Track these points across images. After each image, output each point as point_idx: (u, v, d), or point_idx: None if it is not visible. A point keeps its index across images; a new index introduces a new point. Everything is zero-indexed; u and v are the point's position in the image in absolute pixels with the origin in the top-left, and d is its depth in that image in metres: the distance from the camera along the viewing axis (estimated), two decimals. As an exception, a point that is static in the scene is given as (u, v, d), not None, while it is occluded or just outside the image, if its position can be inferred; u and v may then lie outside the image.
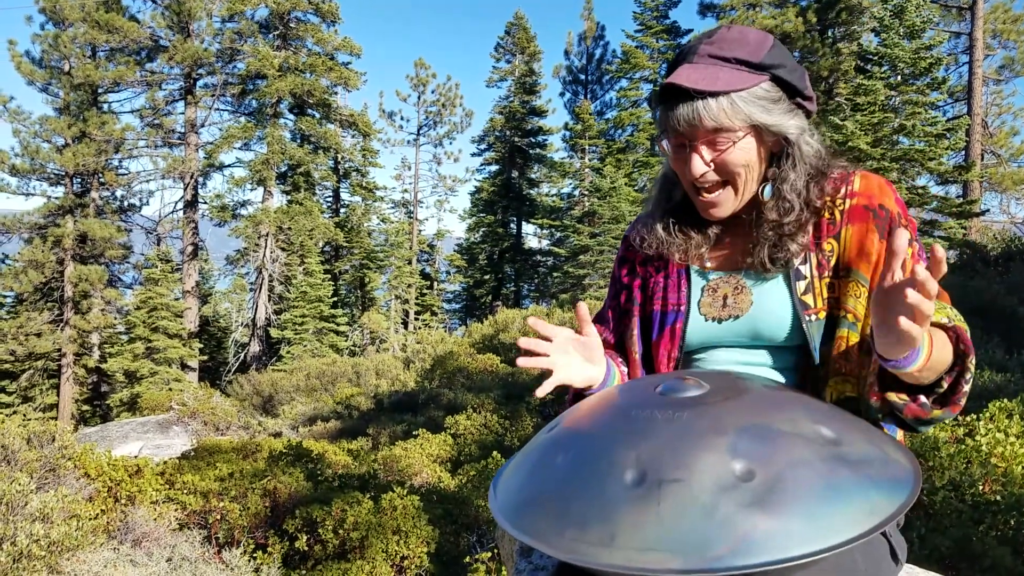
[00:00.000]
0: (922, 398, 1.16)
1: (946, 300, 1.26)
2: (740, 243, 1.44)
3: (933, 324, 1.15)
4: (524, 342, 1.33)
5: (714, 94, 1.27)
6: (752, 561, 0.84)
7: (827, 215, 1.36)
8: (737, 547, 0.85)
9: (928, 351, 1.08)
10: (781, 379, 1.38)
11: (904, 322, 0.98)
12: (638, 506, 0.91)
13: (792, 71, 1.33)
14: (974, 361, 1.13)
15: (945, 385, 1.14)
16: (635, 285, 1.56)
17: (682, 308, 1.46)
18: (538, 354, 1.34)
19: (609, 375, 1.44)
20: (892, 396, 1.17)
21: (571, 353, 1.38)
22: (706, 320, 1.42)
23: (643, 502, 0.91)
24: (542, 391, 1.31)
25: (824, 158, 1.39)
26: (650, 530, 0.88)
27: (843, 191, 1.36)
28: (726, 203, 1.38)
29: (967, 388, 1.13)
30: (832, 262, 1.34)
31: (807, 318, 1.33)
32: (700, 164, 1.33)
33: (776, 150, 1.37)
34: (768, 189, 1.37)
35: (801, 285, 1.35)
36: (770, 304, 1.37)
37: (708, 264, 1.47)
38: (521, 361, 1.32)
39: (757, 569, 0.84)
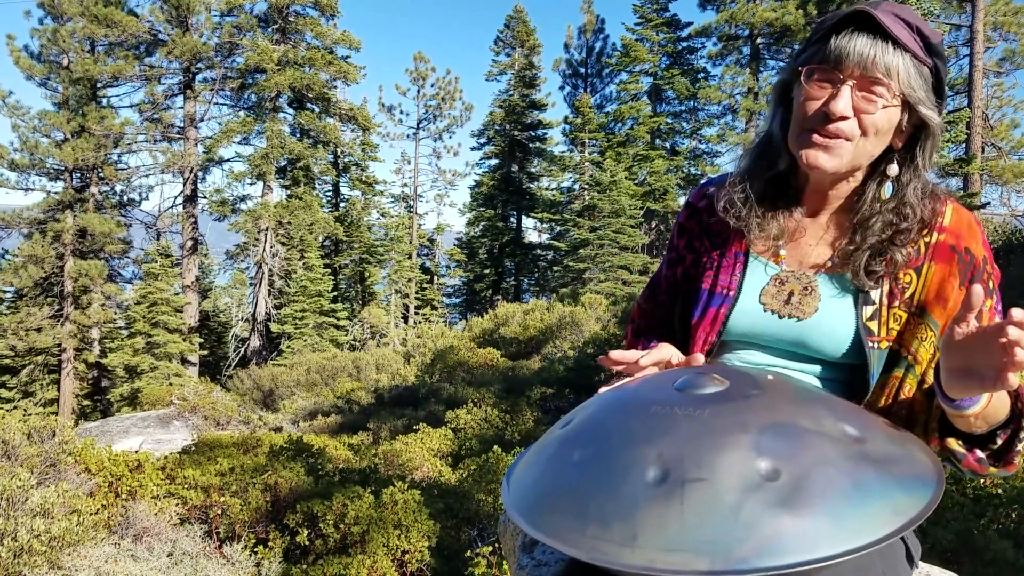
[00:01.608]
0: (978, 452, 1.15)
1: None
2: (827, 242, 1.35)
3: None
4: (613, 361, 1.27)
5: (896, 44, 1.19)
6: (779, 562, 0.82)
7: (911, 244, 1.27)
8: (763, 548, 0.83)
9: (988, 398, 1.07)
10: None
11: (1005, 363, 0.95)
12: (661, 505, 0.88)
13: (946, 71, 1.26)
14: None
15: (999, 441, 1.13)
16: (688, 259, 1.48)
17: (730, 293, 1.37)
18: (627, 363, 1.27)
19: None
20: (953, 444, 1.16)
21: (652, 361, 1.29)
22: (764, 310, 1.33)
23: (666, 501, 0.88)
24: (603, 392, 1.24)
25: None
26: (673, 530, 0.86)
27: (934, 222, 1.28)
28: (838, 155, 1.23)
29: (1021, 447, 1.12)
30: (907, 295, 1.27)
31: (870, 344, 1.25)
32: (848, 103, 1.20)
33: (897, 146, 1.28)
34: (889, 187, 1.28)
35: (868, 310, 1.27)
36: (834, 317, 1.29)
37: (782, 252, 1.36)
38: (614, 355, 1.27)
39: (784, 571, 0.82)
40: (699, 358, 1.26)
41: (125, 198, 27.65)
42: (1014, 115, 24.07)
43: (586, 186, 31.89)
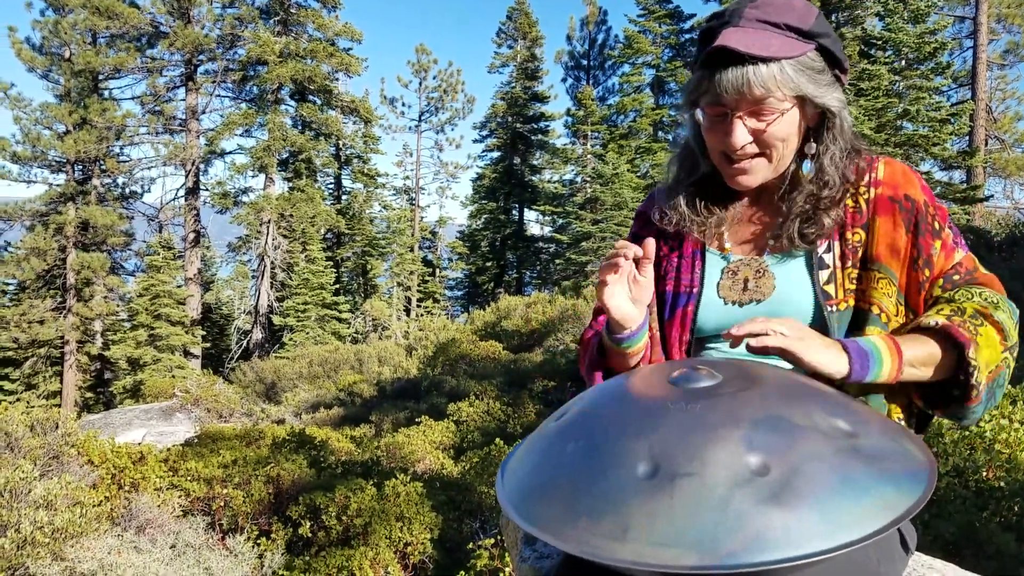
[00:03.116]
0: (939, 409, 1.24)
1: (987, 280, 1.28)
2: (763, 225, 1.39)
3: (920, 329, 1.20)
4: (620, 244, 1.29)
5: (765, 60, 1.20)
6: (768, 558, 0.82)
7: (851, 203, 1.32)
8: (752, 543, 0.83)
9: (893, 359, 1.15)
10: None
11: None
12: (651, 499, 0.89)
13: (835, 41, 1.28)
14: (975, 351, 1.14)
15: (962, 379, 1.17)
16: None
17: (695, 290, 1.41)
18: (618, 264, 1.28)
19: (642, 330, 1.36)
20: (918, 402, 1.25)
21: (625, 283, 1.31)
22: (725, 303, 1.37)
23: (656, 495, 0.89)
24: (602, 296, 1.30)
25: (856, 135, 1.35)
26: (663, 524, 0.86)
27: (867, 178, 1.32)
28: (759, 172, 1.31)
29: (976, 379, 1.14)
30: (860, 253, 1.31)
31: (829, 308, 1.29)
32: (743, 134, 1.26)
33: (812, 124, 1.32)
34: (808, 165, 1.33)
35: (824, 275, 1.31)
36: (792, 291, 1.33)
37: (727, 245, 1.41)
38: (616, 248, 1.29)
39: (773, 566, 0.82)
40: (650, 243, 1.29)
41: (127, 190, 27.67)
42: (1018, 108, 24.02)
43: (588, 179, 31.84)
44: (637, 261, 1.29)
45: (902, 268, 1.28)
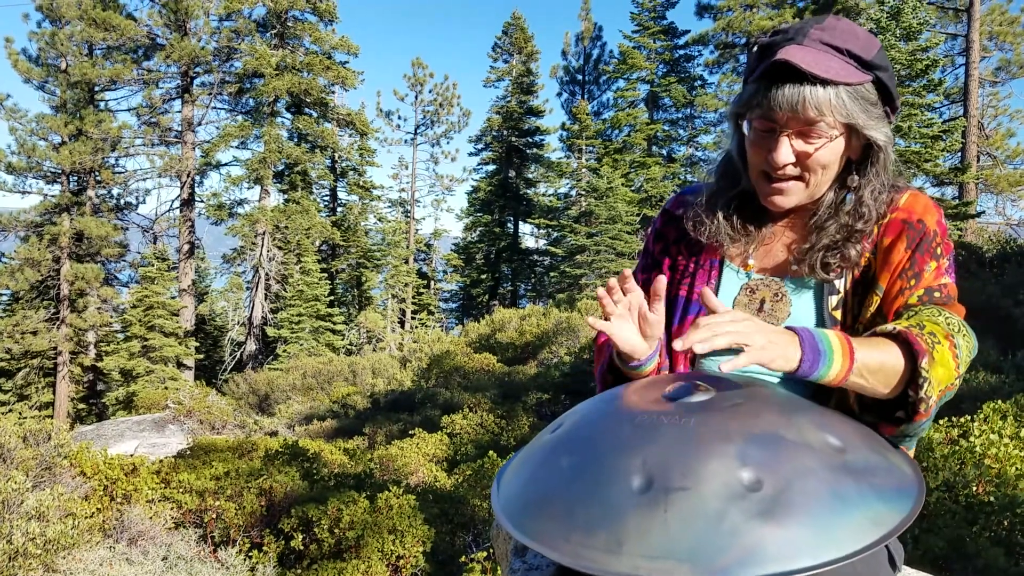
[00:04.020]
0: (886, 425, 1.16)
1: (958, 311, 1.25)
2: (789, 249, 1.38)
3: (876, 334, 1.16)
4: (612, 281, 1.27)
5: (825, 82, 1.20)
6: (759, 572, 0.84)
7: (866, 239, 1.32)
8: (744, 557, 0.85)
9: (844, 360, 1.10)
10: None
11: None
12: (645, 513, 0.90)
13: (891, 77, 1.28)
14: (928, 363, 1.10)
15: (911, 395, 1.12)
16: (665, 264, 1.49)
17: None
18: (613, 298, 1.27)
19: (652, 357, 1.35)
20: (867, 417, 1.17)
21: (630, 318, 1.30)
22: None
23: (650, 509, 0.90)
24: (594, 322, 1.28)
25: (899, 172, 1.35)
26: (657, 538, 0.88)
27: (890, 208, 1.32)
28: (794, 195, 1.30)
29: (925, 393, 1.10)
30: (868, 276, 1.31)
31: None
32: (788, 153, 1.25)
33: (855, 157, 1.31)
34: (849, 197, 1.32)
35: (833, 300, 1.31)
36: (802, 318, 1.32)
37: (751, 262, 1.40)
38: (600, 291, 1.27)
39: None
40: (661, 280, 1.28)
41: (122, 201, 27.64)
42: (1009, 124, 24.22)
43: (583, 192, 31.90)
44: (648, 298, 1.29)
45: (890, 276, 1.28)
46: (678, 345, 1.07)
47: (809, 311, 1.32)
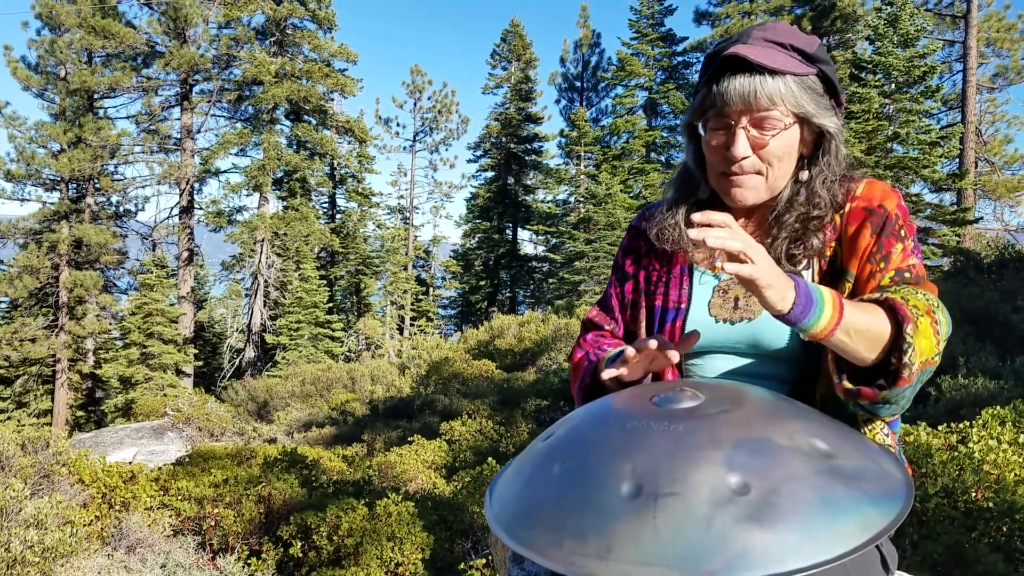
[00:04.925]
0: (866, 389, 1.15)
1: (931, 289, 1.26)
2: None
3: (864, 300, 1.18)
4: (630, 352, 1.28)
5: (773, 72, 1.27)
6: (749, 575, 0.85)
7: (826, 227, 1.35)
8: (733, 561, 0.86)
9: (834, 313, 1.11)
10: (772, 390, 1.33)
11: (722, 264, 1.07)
12: (634, 519, 0.91)
13: (834, 71, 1.35)
14: (912, 330, 1.11)
15: (894, 362, 1.13)
16: (640, 276, 1.53)
17: (682, 306, 1.43)
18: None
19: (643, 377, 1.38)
20: (847, 384, 1.17)
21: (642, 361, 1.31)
22: (716, 322, 1.39)
23: (639, 515, 0.91)
24: (607, 375, 1.29)
25: (852, 163, 1.40)
26: (646, 543, 0.88)
27: (848, 196, 1.36)
28: (754, 189, 1.35)
29: (909, 358, 1.11)
30: (835, 265, 1.34)
31: None
32: (745, 145, 1.30)
33: (806, 152, 1.37)
34: (803, 191, 1.37)
35: None
36: None
37: (718, 264, 1.42)
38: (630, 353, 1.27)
39: None
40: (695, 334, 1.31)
41: (121, 209, 27.64)
42: (1007, 130, 24.23)
43: (582, 199, 31.96)
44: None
45: (859, 262, 1.30)
46: (694, 234, 1.07)
47: None
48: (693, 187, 1.47)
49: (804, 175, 1.37)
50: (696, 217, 1.09)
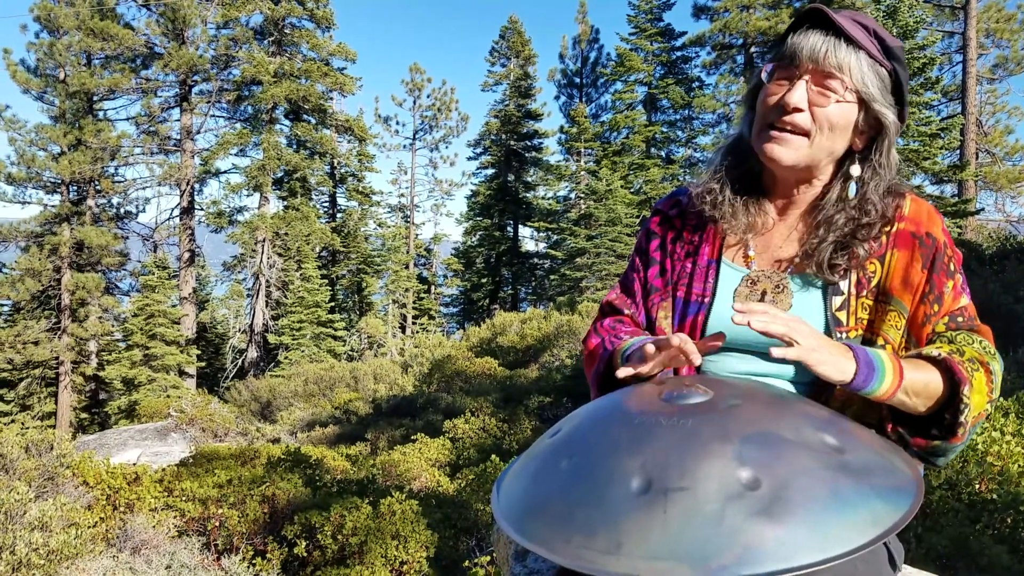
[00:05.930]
0: (920, 439, 1.21)
1: (985, 332, 1.28)
2: (791, 242, 1.38)
3: (922, 356, 1.20)
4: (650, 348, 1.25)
5: (849, 41, 1.25)
6: (759, 570, 0.84)
7: (873, 239, 1.32)
8: (743, 556, 0.85)
9: (895, 378, 1.14)
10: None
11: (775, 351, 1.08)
12: (644, 514, 0.91)
13: (907, 77, 1.32)
14: (969, 390, 1.15)
15: (948, 417, 1.18)
16: (666, 263, 1.48)
17: (706, 300, 1.39)
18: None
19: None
20: (900, 430, 1.22)
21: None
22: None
23: (649, 510, 0.91)
24: (622, 374, 1.27)
25: (902, 175, 1.37)
26: (656, 538, 0.88)
27: (895, 215, 1.33)
28: (795, 150, 1.30)
29: (964, 418, 1.15)
30: (873, 284, 1.31)
31: (838, 335, 1.28)
32: (802, 96, 1.27)
33: (858, 147, 1.34)
34: (853, 187, 1.33)
35: (837, 301, 1.31)
36: (806, 313, 1.31)
37: (751, 253, 1.40)
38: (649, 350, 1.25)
39: None
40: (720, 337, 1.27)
41: (122, 210, 27.64)
42: (1008, 121, 24.19)
43: (582, 195, 31.92)
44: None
45: (913, 301, 1.29)
46: (739, 319, 1.09)
47: (812, 309, 1.32)
48: (741, 157, 1.43)
49: (855, 170, 1.33)
50: (737, 307, 1.11)
